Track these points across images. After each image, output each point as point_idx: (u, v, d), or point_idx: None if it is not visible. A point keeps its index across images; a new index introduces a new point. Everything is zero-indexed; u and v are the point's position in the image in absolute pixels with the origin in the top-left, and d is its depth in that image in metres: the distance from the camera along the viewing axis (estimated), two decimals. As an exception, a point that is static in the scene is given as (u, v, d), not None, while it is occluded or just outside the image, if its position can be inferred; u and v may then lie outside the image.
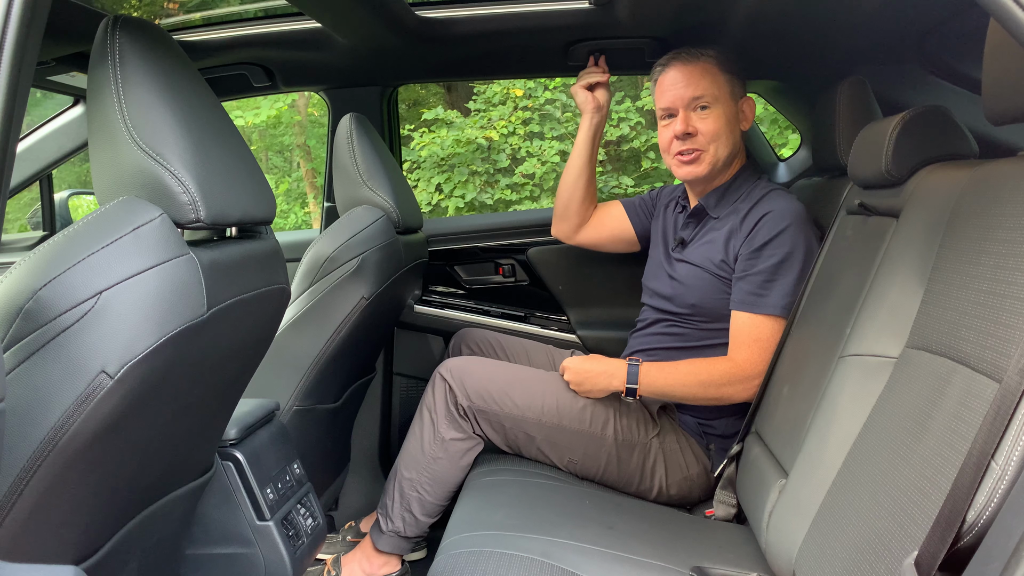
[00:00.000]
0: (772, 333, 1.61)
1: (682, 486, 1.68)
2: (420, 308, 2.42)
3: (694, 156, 1.71)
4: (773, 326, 1.61)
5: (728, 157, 1.72)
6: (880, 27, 1.72)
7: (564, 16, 1.89)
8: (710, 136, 1.69)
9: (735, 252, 1.66)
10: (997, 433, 0.74)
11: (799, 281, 1.61)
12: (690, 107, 1.70)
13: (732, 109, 1.72)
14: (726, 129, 1.70)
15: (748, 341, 1.61)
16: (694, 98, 1.69)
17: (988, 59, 0.95)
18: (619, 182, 6.15)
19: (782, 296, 1.61)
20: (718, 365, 1.62)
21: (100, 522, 0.99)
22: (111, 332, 0.83)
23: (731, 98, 1.71)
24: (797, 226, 1.62)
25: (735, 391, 1.61)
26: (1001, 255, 0.91)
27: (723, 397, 1.62)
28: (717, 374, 1.60)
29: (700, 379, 1.61)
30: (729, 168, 1.76)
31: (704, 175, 1.72)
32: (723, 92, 1.70)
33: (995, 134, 1.51)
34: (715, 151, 1.70)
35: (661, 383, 1.62)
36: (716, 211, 1.75)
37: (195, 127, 0.95)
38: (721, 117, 1.69)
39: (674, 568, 1.27)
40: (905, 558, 0.80)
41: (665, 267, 1.82)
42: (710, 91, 1.68)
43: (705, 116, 1.69)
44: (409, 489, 1.70)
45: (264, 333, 1.19)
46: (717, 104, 1.69)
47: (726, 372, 1.60)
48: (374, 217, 1.88)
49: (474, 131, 6.22)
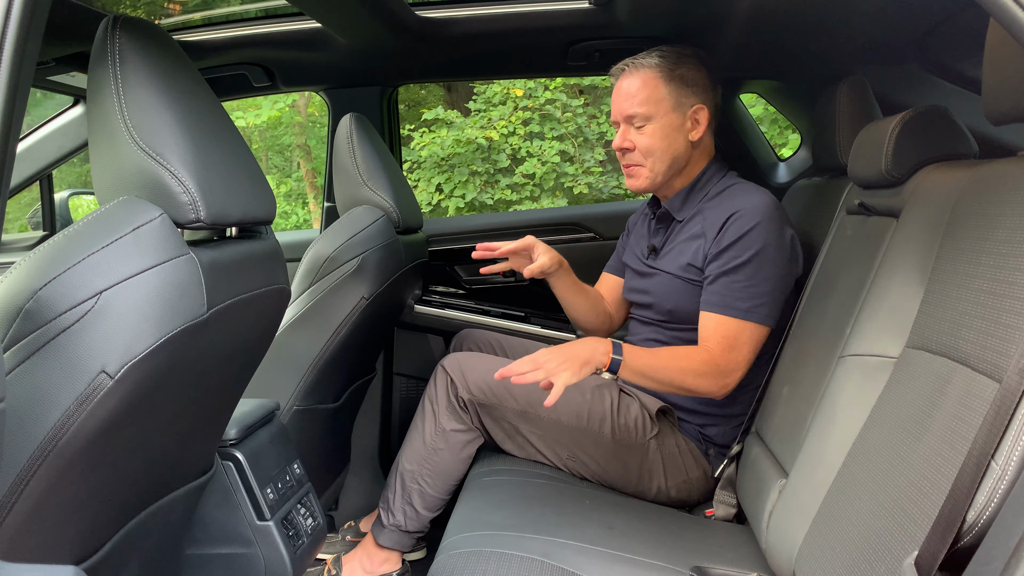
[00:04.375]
0: (748, 337, 1.57)
1: (682, 488, 1.68)
2: (420, 308, 2.42)
3: (632, 170, 1.71)
4: (749, 331, 1.57)
5: (668, 170, 1.69)
6: (880, 27, 1.72)
7: (564, 16, 1.90)
8: (645, 151, 1.68)
9: (704, 253, 1.64)
10: (997, 433, 0.74)
11: (772, 279, 1.58)
12: (628, 122, 1.69)
13: (674, 121, 1.67)
14: (662, 144, 1.67)
15: (717, 338, 1.58)
16: (629, 116, 1.67)
17: (988, 59, 0.95)
18: (619, 182, 6.16)
19: (746, 299, 1.56)
20: (696, 353, 1.58)
21: (100, 522, 0.99)
22: (111, 332, 0.83)
23: (674, 110, 1.67)
24: (766, 223, 1.58)
25: (709, 384, 1.56)
26: (1001, 255, 0.91)
27: (697, 388, 1.56)
28: (696, 362, 1.56)
29: (680, 364, 1.56)
30: (680, 175, 1.73)
31: (643, 188, 1.72)
32: (661, 106, 1.66)
33: (995, 134, 1.51)
34: (652, 165, 1.68)
35: (642, 361, 1.55)
36: (681, 213, 1.73)
37: (195, 127, 0.95)
38: (656, 132, 1.66)
39: (674, 568, 1.27)
40: (905, 558, 0.80)
41: (641, 276, 1.82)
42: (644, 108, 1.65)
43: (641, 132, 1.67)
44: (410, 481, 1.70)
45: (264, 333, 1.19)
46: (652, 120, 1.66)
47: (704, 361, 1.56)
48: (374, 217, 1.89)
49: (474, 131, 6.22)
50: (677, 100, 1.66)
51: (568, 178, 6.17)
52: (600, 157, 6.28)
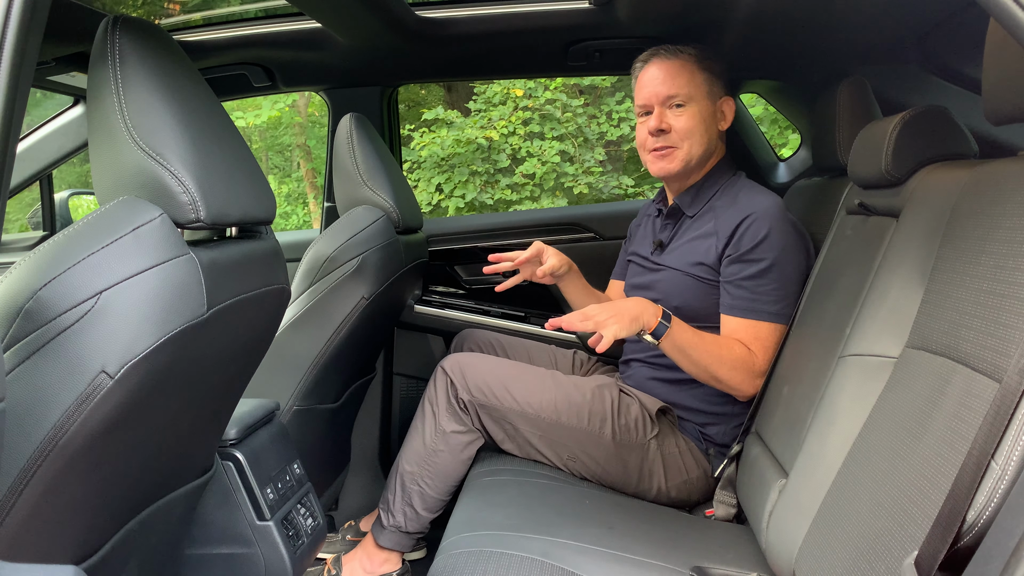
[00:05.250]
0: (777, 339, 1.61)
1: (682, 489, 1.68)
2: (420, 308, 2.42)
3: (667, 152, 1.72)
4: (773, 330, 1.61)
5: (703, 155, 1.72)
6: (880, 27, 1.72)
7: (564, 16, 1.90)
8: (684, 133, 1.69)
9: (717, 254, 1.65)
10: (997, 433, 0.74)
11: (795, 280, 1.62)
12: (665, 104, 1.70)
13: (708, 108, 1.72)
14: (700, 127, 1.70)
15: (749, 339, 1.61)
16: (669, 96, 1.69)
17: (988, 59, 0.95)
18: (619, 182, 6.16)
19: (775, 302, 1.60)
20: (737, 348, 1.60)
21: (100, 522, 0.99)
22: (111, 332, 0.83)
23: (708, 97, 1.71)
24: (779, 225, 1.62)
25: (741, 380, 1.59)
26: (1001, 255, 0.91)
27: (730, 381, 1.59)
28: (735, 355, 1.59)
29: (720, 352, 1.58)
30: (704, 166, 1.76)
31: (677, 171, 1.73)
32: (699, 91, 1.70)
33: (995, 134, 1.51)
34: (688, 148, 1.70)
35: (686, 337, 1.56)
36: (691, 209, 1.76)
37: (195, 127, 0.95)
38: (696, 115, 1.70)
39: (674, 568, 1.27)
40: (905, 558, 0.80)
41: (647, 271, 1.82)
42: (685, 89, 1.69)
43: (680, 114, 1.70)
44: (410, 482, 1.70)
45: (264, 333, 1.19)
46: (692, 102, 1.69)
47: (742, 357, 1.59)
48: (374, 217, 1.89)
49: (474, 131, 6.22)
50: (710, 89, 1.72)
51: (568, 178, 6.17)
52: (600, 157, 6.27)
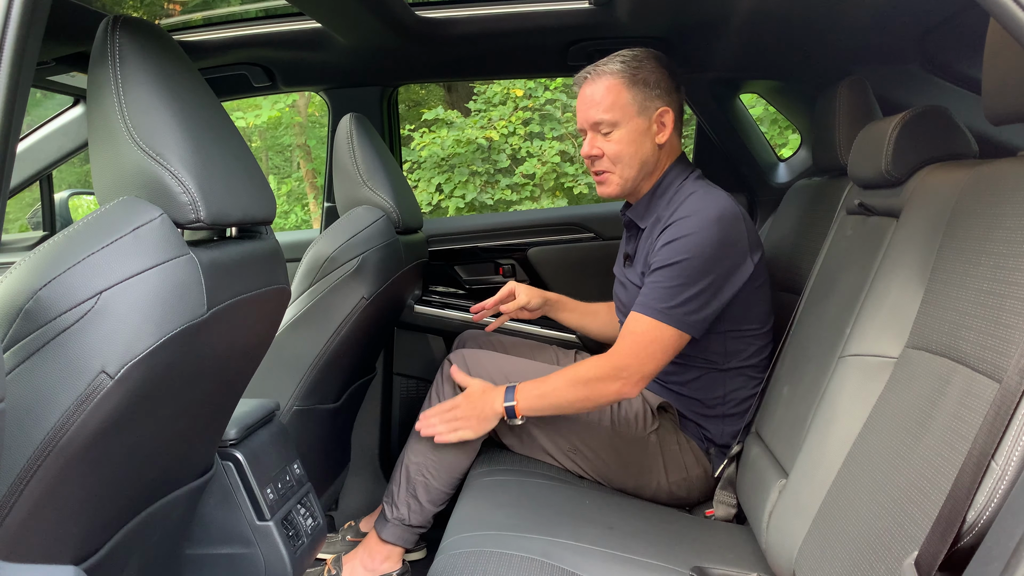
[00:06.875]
0: (657, 337, 1.54)
1: (681, 485, 1.68)
2: (420, 308, 2.42)
3: (603, 177, 1.70)
4: (660, 331, 1.54)
5: (638, 176, 1.68)
6: (880, 27, 1.72)
7: (564, 16, 1.90)
8: (614, 158, 1.66)
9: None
10: (997, 433, 0.74)
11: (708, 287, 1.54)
12: (594, 129, 1.67)
13: (641, 125, 1.65)
14: (630, 149, 1.65)
15: (624, 334, 1.57)
16: (596, 122, 1.66)
17: (988, 59, 0.95)
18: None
19: (663, 300, 1.54)
20: (588, 360, 1.59)
21: (100, 522, 0.99)
22: (111, 332, 0.83)
23: (640, 115, 1.65)
24: (704, 232, 1.55)
25: (616, 387, 1.54)
26: (1001, 255, 0.91)
27: (598, 394, 1.55)
28: (591, 369, 1.56)
29: (567, 377, 1.56)
30: (650, 179, 1.71)
31: (614, 194, 1.71)
32: (627, 111, 1.64)
33: (995, 134, 1.51)
34: (620, 172, 1.67)
35: (535, 392, 1.58)
36: (644, 221, 1.72)
37: (195, 127, 0.95)
38: (624, 138, 1.65)
39: (674, 568, 1.27)
40: (905, 558, 0.80)
41: (621, 286, 1.83)
42: (610, 114, 1.63)
43: (608, 140, 1.66)
44: (416, 473, 1.70)
45: (264, 333, 1.19)
46: (619, 126, 1.64)
47: (597, 366, 1.56)
48: (374, 217, 1.88)
49: (474, 131, 6.23)
50: (642, 104, 1.65)
51: (568, 178, 6.17)
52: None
